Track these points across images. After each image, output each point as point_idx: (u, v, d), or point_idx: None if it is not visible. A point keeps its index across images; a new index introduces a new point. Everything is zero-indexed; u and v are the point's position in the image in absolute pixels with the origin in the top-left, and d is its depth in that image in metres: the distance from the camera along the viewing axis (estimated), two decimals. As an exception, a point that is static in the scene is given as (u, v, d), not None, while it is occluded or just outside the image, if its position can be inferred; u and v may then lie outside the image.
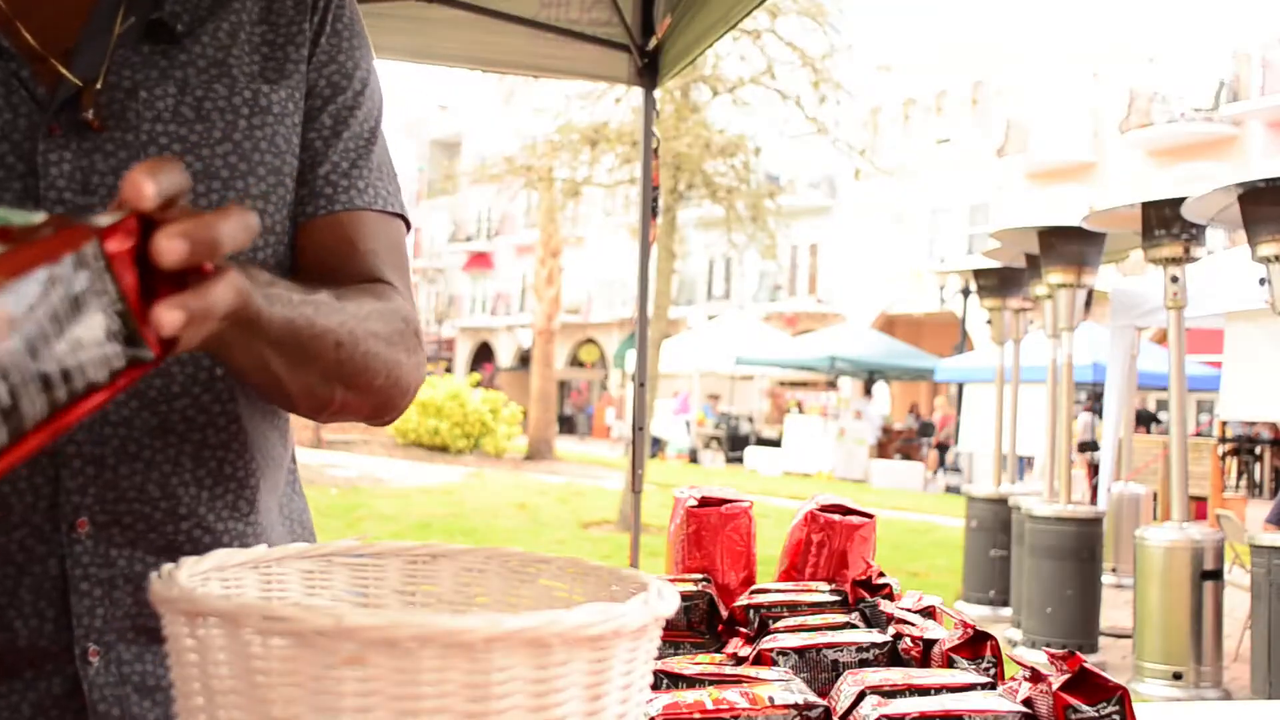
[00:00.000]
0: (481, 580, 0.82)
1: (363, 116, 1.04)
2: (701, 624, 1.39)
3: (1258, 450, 19.69)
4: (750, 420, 26.37)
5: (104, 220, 0.58)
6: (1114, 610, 7.25)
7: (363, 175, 1.02)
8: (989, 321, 8.08)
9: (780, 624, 1.26)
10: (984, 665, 1.14)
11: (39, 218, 0.57)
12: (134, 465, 0.89)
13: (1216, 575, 5.39)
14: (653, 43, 3.44)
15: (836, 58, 12.79)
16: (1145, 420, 17.36)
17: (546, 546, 9.61)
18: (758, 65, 12.25)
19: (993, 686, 1.07)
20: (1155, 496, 8.78)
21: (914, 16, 29.42)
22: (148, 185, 0.57)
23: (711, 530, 1.51)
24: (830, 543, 1.50)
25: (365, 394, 0.92)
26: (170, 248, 0.57)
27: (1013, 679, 1.08)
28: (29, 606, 0.87)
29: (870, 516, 1.53)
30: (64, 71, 0.86)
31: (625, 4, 3.37)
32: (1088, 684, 1.01)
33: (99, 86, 0.87)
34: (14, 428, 0.53)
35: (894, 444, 23.40)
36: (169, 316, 0.58)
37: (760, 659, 1.18)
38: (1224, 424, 17.52)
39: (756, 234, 14.79)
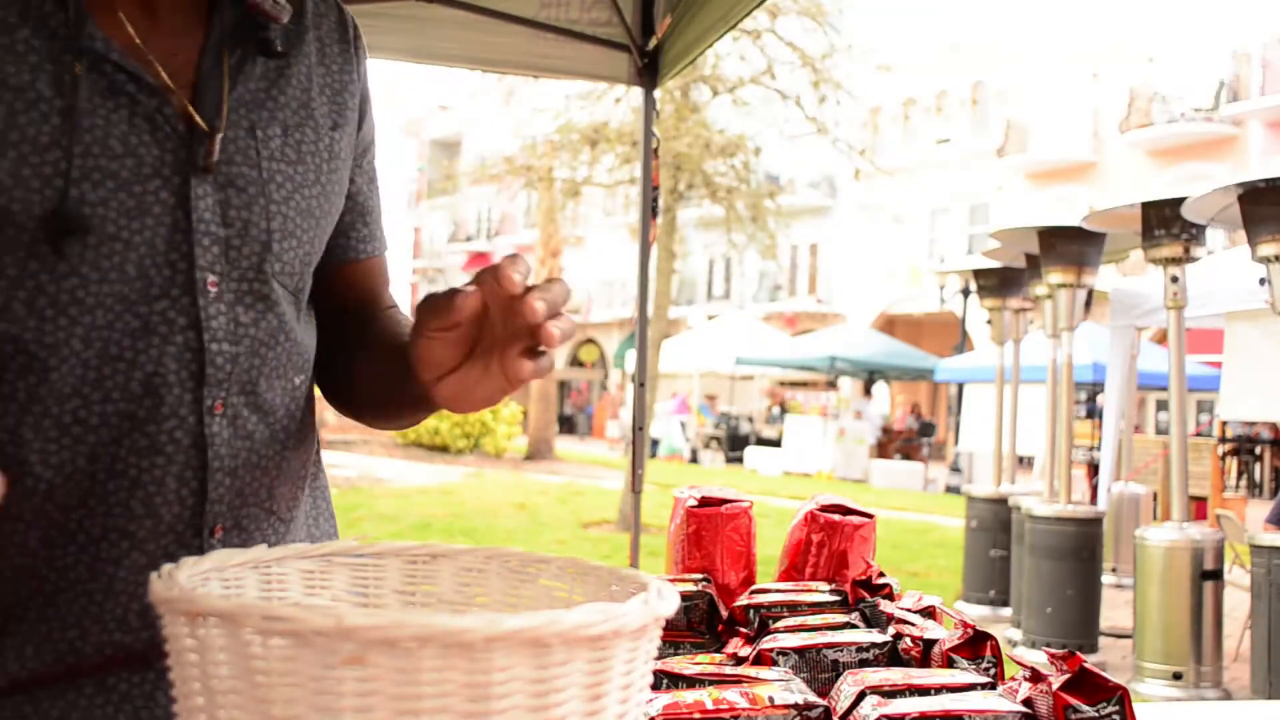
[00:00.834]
0: (481, 580, 0.82)
1: (371, 135, 1.09)
2: (701, 624, 1.39)
3: (1258, 450, 19.70)
4: (750, 420, 26.37)
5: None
6: (1114, 610, 7.25)
7: (373, 191, 1.11)
8: (989, 321, 8.08)
9: (780, 624, 1.27)
10: (984, 665, 1.14)
11: None
12: (254, 474, 0.95)
13: (1216, 575, 5.39)
14: (653, 43, 3.43)
15: (836, 58, 12.78)
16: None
17: (546, 546, 9.61)
18: (758, 65, 12.24)
19: (993, 686, 1.07)
20: (1155, 496, 8.78)
21: (914, 16, 29.42)
22: (517, 277, 0.72)
23: (711, 530, 1.51)
24: (830, 543, 1.50)
25: None
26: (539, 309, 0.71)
27: (1013, 679, 1.08)
28: None
29: (870, 516, 1.53)
30: (197, 118, 0.89)
31: (625, 4, 3.36)
32: (1088, 684, 1.01)
33: (224, 128, 0.91)
34: None
35: (894, 444, 23.40)
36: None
37: (760, 659, 1.18)
38: (1224, 424, 17.52)
39: (756, 234, 14.78)
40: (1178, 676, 5.29)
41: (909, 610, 1.27)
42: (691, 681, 1.07)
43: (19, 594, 0.88)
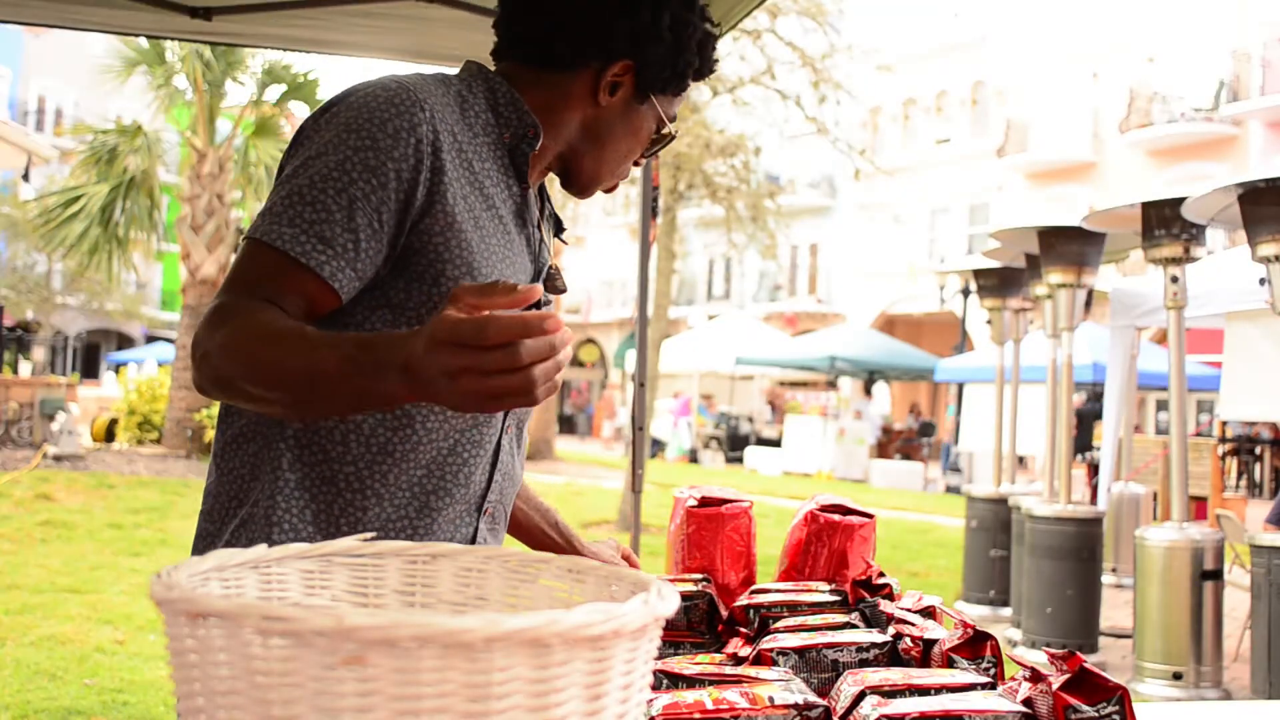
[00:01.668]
0: (481, 580, 0.82)
1: None
2: (701, 624, 1.39)
3: (1258, 450, 19.69)
4: (750, 420, 26.37)
5: None
6: (1114, 610, 7.25)
7: None
8: (989, 321, 8.07)
9: (780, 624, 1.26)
10: (984, 665, 1.14)
11: None
12: (508, 480, 1.38)
13: (1216, 575, 5.39)
14: (653, 43, 3.42)
15: (836, 58, 12.77)
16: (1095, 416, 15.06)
17: (546, 546, 9.60)
18: (758, 65, 12.24)
19: (993, 686, 1.07)
20: (1155, 496, 8.78)
21: (914, 16, 29.37)
22: None
23: (711, 530, 1.51)
24: (830, 543, 1.50)
25: None
26: None
27: (1013, 679, 1.08)
28: None
29: (870, 516, 1.53)
30: (548, 252, 1.40)
31: (625, 4, 3.35)
32: (1088, 684, 1.01)
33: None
34: None
35: (894, 444, 23.40)
36: None
37: (760, 659, 1.18)
38: (1224, 424, 17.51)
39: (756, 234, 14.77)
40: (1178, 676, 5.29)
41: (909, 610, 1.27)
42: (691, 681, 1.07)
43: (372, 521, 1.26)
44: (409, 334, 0.98)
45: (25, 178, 11.44)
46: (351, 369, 0.99)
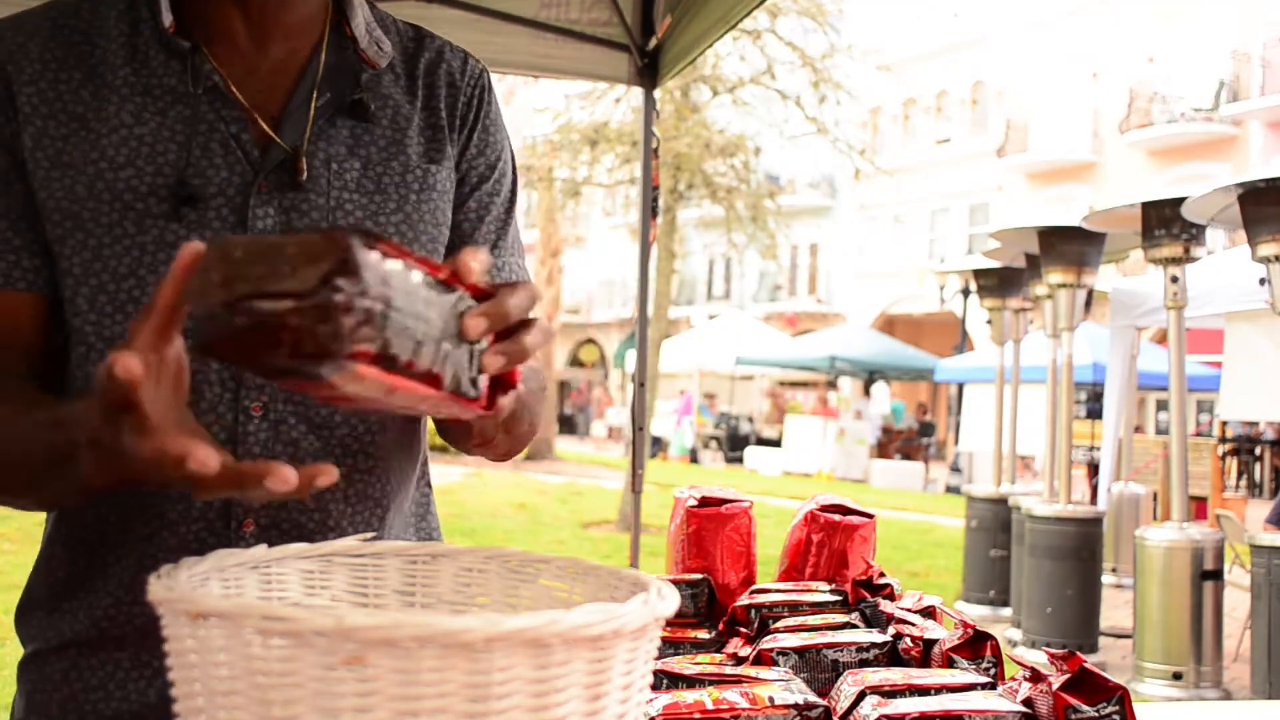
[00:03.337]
0: (481, 580, 0.82)
1: (501, 200, 1.18)
2: (705, 607, 1.40)
3: (1258, 450, 19.70)
4: (750, 420, 26.35)
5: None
6: (1114, 610, 7.25)
7: (501, 254, 1.17)
8: (989, 321, 8.08)
9: (780, 624, 1.26)
10: (984, 665, 1.14)
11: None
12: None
13: (1216, 575, 5.39)
14: (653, 43, 3.43)
15: (836, 58, 12.78)
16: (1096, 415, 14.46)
17: (546, 546, 9.61)
18: (758, 65, 12.24)
19: (993, 686, 1.07)
20: (1155, 496, 8.78)
21: (914, 16, 29.37)
22: (474, 265, 0.72)
23: (711, 530, 1.51)
24: (830, 543, 1.50)
25: (523, 440, 1.08)
26: (494, 362, 0.73)
27: (1013, 679, 1.08)
28: None
29: (870, 516, 1.53)
30: (276, 138, 0.99)
31: (625, 4, 3.36)
32: (1088, 684, 1.01)
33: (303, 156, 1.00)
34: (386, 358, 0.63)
35: (894, 444, 23.40)
36: (492, 360, 0.73)
37: (760, 659, 1.18)
38: (1224, 424, 17.51)
39: (756, 234, 14.77)
40: (1178, 676, 5.29)
41: (909, 610, 1.27)
42: (691, 681, 1.07)
43: (78, 564, 1.00)
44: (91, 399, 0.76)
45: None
46: (56, 455, 0.80)
